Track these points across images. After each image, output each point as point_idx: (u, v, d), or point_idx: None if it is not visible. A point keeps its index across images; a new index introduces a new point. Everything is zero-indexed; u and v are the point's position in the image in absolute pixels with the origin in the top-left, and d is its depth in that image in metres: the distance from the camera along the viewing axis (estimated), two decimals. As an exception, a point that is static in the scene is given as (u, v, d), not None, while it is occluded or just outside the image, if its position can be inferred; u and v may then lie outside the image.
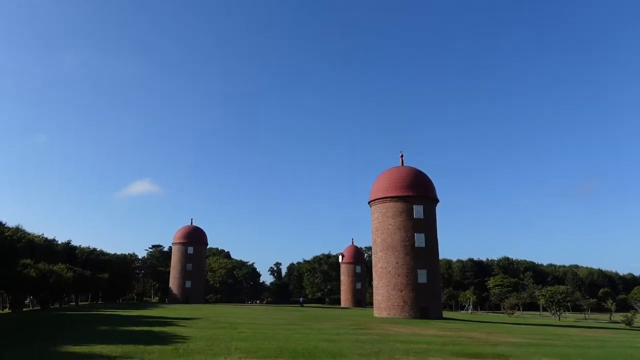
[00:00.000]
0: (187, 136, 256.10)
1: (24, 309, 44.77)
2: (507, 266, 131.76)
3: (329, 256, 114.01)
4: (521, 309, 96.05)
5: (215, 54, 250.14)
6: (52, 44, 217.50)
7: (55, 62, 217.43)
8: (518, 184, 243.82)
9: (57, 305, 51.39)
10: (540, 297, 75.07)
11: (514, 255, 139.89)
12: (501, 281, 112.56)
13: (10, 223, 42.63)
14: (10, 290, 39.87)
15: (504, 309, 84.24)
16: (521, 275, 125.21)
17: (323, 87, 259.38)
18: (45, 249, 55.05)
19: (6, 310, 44.98)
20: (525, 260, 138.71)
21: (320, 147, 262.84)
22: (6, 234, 33.19)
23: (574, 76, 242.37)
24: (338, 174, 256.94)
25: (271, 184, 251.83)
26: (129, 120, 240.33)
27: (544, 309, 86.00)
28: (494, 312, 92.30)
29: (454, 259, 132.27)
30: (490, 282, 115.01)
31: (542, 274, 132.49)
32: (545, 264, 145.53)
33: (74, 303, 62.47)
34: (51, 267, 44.06)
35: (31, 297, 50.13)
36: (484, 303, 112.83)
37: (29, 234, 50.85)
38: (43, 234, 59.49)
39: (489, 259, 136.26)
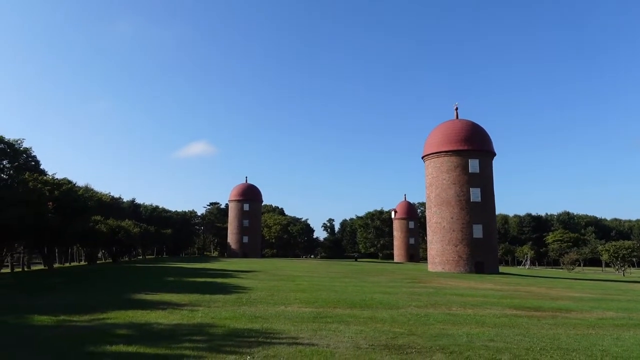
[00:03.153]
0: (240, 98, 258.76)
1: (98, 262, 48.30)
2: (568, 221, 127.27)
3: (381, 212, 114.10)
4: (582, 265, 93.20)
5: (265, 20, 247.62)
6: (106, 16, 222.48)
7: (109, 33, 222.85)
8: (579, 134, 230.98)
9: (126, 259, 55.00)
10: (603, 252, 72.39)
11: (575, 210, 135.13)
12: (561, 236, 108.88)
13: (79, 183, 45.62)
14: (86, 244, 43.10)
15: (563, 264, 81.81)
16: (582, 231, 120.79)
17: (371, 42, 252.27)
18: (113, 206, 58.71)
19: (82, 263, 48.75)
20: (587, 215, 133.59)
21: (372, 101, 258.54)
22: (78, 192, 35.47)
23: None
24: (391, 129, 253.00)
25: (323, 140, 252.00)
26: (183, 87, 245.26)
27: (607, 265, 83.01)
28: (552, 268, 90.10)
29: (511, 214, 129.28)
30: (549, 237, 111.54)
31: (605, 229, 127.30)
32: (609, 218, 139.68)
33: (141, 257, 66.63)
34: (119, 223, 47.03)
35: (103, 250, 53.91)
36: (541, 258, 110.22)
37: (97, 192, 54.22)
38: (110, 193, 63.30)
39: (548, 214, 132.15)
